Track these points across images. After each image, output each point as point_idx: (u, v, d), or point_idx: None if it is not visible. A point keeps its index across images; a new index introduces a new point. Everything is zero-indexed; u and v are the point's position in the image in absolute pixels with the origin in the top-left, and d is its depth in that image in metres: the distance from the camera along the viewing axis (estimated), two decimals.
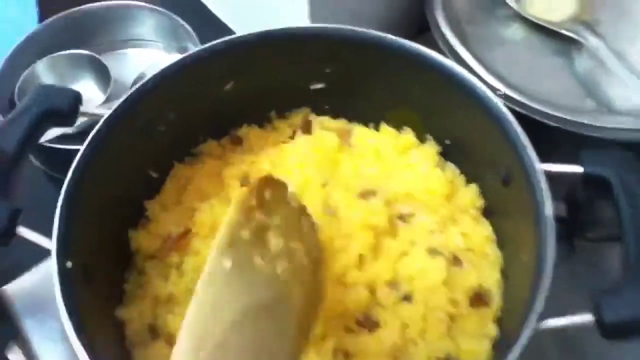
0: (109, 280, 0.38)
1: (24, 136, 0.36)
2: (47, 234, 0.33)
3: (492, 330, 0.37)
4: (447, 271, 0.38)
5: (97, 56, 0.58)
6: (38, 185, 0.55)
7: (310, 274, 0.33)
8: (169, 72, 0.41)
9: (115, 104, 0.38)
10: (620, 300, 0.28)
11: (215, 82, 0.43)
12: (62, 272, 0.30)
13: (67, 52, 0.58)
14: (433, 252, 0.39)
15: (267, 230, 0.32)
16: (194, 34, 0.58)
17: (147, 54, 0.62)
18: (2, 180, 0.32)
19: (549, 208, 0.32)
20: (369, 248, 0.39)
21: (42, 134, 0.38)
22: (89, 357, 0.27)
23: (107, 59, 0.58)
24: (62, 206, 0.34)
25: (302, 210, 0.35)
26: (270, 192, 0.33)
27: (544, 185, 0.33)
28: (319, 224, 0.37)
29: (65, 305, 0.29)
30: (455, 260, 0.40)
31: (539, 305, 0.29)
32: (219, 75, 0.43)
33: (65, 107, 0.38)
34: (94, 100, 0.57)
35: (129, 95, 0.39)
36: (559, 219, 0.32)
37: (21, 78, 0.57)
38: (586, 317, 0.28)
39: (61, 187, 0.34)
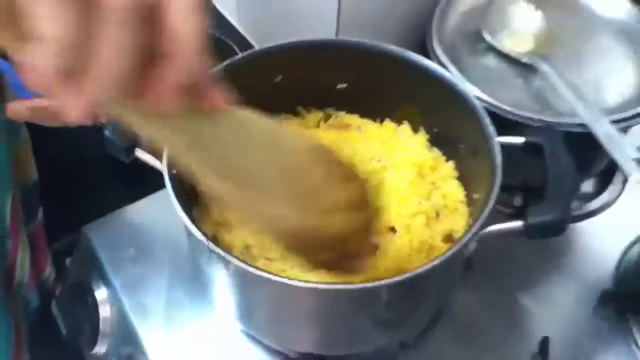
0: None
1: None
2: None
3: None
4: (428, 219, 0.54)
5: None
6: None
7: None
8: (234, 64, 0.56)
9: None
10: (539, 210, 0.42)
11: (268, 74, 0.58)
12: (171, 176, 0.44)
13: None
14: (421, 204, 0.54)
15: None
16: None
17: None
18: None
19: (499, 164, 0.46)
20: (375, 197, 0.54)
21: None
22: (191, 223, 0.41)
23: None
24: None
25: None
26: None
27: (497, 149, 0.47)
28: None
29: (173, 189, 0.43)
30: (436, 214, 0.55)
31: (483, 217, 0.43)
32: (271, 70, 0.57)
33: None
34: None
35: None
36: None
37: None
38: (518, 223, 0.43)
39: None
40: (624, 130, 0.58)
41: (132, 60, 0.24)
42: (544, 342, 0.54)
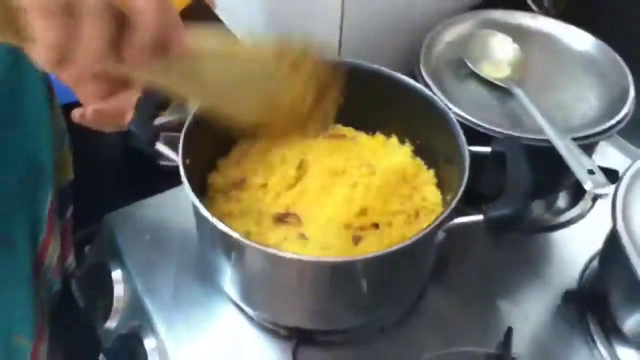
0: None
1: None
2: None
3: None
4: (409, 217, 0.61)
5: None
6: None
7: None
8: None
9: None
10: (497, 205, 0.49)
11: None
12: (185, 164, 0.52)
13: None
14: (403, 204, 0.62)
15: None
16: None
17: None
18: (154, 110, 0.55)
19: (467, 166, 0.54)
20: (363, 197, 0.61)
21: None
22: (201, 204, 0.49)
23: None
24: (184, 139, 0.55)
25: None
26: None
27: (467, 155, 0.54)
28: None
29: (186, 177, 0.50)
30: (416, 213, 0.62)
31: (449, 209, 0.50)
32: None
33: None
34: None
35: None
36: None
37: None
38: (478, 217, 0.50)
39: None
40: (588, 147, 0.66)
41: (104, 42, 0.36)
42: (508, 332, 0.60)
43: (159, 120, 0.60)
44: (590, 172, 0.56)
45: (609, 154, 0.82)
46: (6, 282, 0.60)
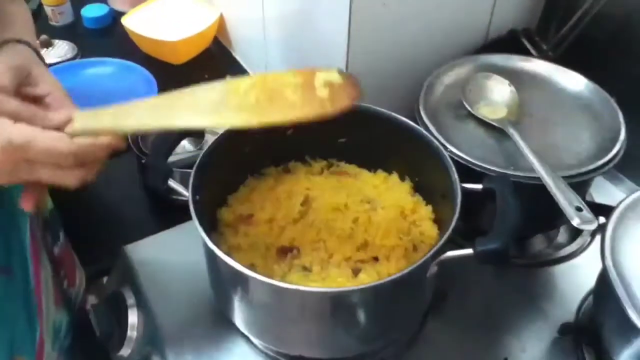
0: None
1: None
2: None
3: None
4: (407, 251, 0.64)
5: None
6: None
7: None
8: None
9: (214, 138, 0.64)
10: (486, 240, 0.52)
11: (281, 128, 0.70)
12: (194, 200, 0.56)
13: None
14: (402, 239, 0.65)
15: None
16: None
17: None
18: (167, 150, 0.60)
19: (459, 202, 0.57)
20: (364, 232, 0.65)
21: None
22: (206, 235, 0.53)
23: None
24: (193, 178, 0.59)
25: None
26: None
27: (459, 191, 0.58)
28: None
29: (195, 211, 0.54)
30: (414, 247, 0.66)
31: (443, 245, 0.53)
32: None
33: None
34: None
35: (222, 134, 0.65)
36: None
37: None
38: (469, 251, 0.53)
39: None
40: (582, 184, 0.69)
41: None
42: None
43: (172, 158, 0.65)
44: (578, 208, 0.59)
45: (607, 190, 0.84)
46: (7, 309, 0.63)
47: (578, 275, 0.75)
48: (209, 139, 0.65)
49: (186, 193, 0.57)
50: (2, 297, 0.61)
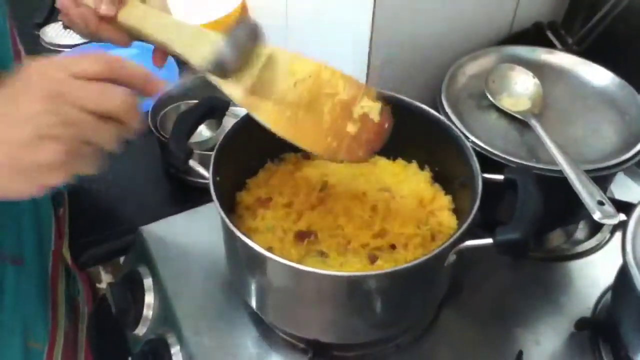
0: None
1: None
2: None
3: None
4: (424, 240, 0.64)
5: None
6: None
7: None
8: None
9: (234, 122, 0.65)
10: (506, 230, 0.51)
11: None
12: (215, 181, 0.56)
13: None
14: (420, 228, 0.65)
15: None
16: None
17: None
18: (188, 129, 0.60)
19: (479, 192, 0.56)
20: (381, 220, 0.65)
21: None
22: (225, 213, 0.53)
23: None
24: (214, 158, 0.59)
25: None
26: None
27: (480, 182, 0.57)
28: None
29: (215, 192, 0.54)
30: (432, 237, 0.65)
31: (462, 233, 0.53)
32: None
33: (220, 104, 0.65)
34: None
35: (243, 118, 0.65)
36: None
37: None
38: (488, 240, 0.53)
39: None
40: (604, 179, 0.68)
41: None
42: (519, 356, 0.62)
43: (194, 139, 0.65)
44: (600, 202, 0.58)
45: (628, 186, 0.83)
46: (20, 298, 0.64)
47: (595, 271, 0.74)
48: (227, 125, 0.64)
49: (206, 174, 0.57)
50: (15, 286, 0.63)
